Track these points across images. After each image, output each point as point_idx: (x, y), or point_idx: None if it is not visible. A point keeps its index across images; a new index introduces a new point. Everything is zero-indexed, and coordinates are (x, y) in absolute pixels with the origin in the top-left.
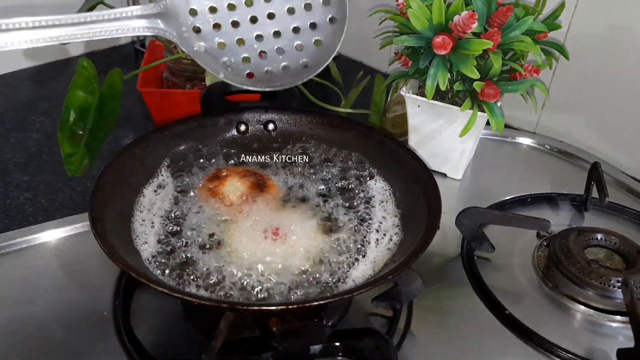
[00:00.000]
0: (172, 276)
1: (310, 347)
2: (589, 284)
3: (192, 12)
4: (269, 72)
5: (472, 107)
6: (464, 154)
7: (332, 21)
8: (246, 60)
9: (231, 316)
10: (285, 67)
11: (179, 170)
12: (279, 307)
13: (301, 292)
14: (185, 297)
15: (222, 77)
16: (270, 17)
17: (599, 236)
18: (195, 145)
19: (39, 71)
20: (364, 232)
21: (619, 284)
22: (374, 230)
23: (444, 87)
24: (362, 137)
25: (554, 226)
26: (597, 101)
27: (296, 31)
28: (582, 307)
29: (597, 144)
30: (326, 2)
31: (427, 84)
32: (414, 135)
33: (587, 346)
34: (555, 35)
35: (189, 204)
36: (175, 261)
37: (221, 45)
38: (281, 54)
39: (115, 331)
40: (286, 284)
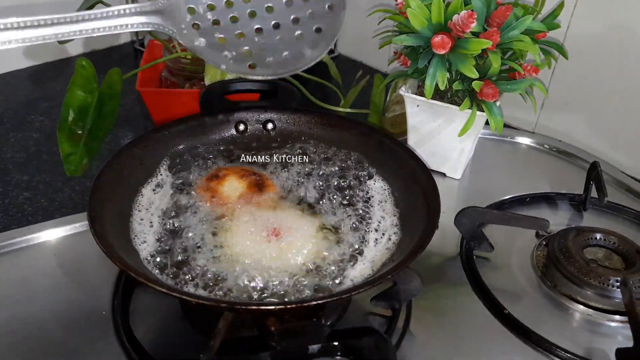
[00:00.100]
0: (170, 275)
1: (308, 347)
2: (588, 284)
3: (191, 11)
4: (271, 62)
5: (471, 107)
6: (463, 154)
7: (332, 8)
8: (247, 52)
9: (230, 316)
10: (287, 56)
11: (178, 169)
12: (278, 307)
13: (300, 292)
14: (183, 297)
15: (224, 69)
16: (268, 10)
17: (598, 236)
18: (194, 144)
19: (38, 71)
20: (362, 232)
21: (618, 284)
22: (372, 229)
23: (443, 87)
24: (361, 137)
25: (553, 226)
26: (597, 101)
27: (296, 22)
28: (581, 306)
29: (596, 143)
30: None
31: (426, 83)
32: (413, 134)
33: (586, 346)
34: (554, 34)
35: (188, 203)
36: (173, 260)
37: (221, 40)
38: (282, 44)
39: (114, 331)
40: (285, 283)
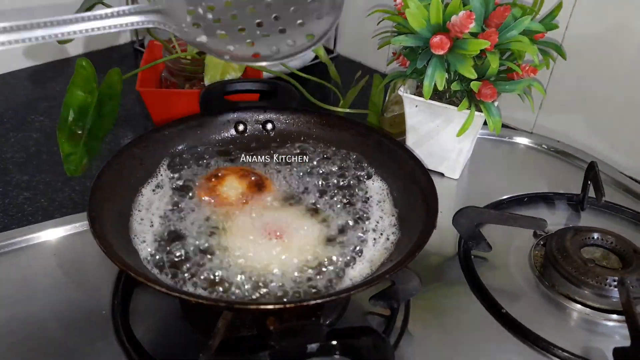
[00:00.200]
0: (170, 275)
1: (307, 346)
2: (586, 283)
3: (191, 12)
4: (275, 50)
5: (469, 107)
6: (462, 154)
7: None
8: (250, 44)
9: (229, 315)
10: (290, 43)
11: (178, 169)
12: (277, 306)
13: (298, 291)
14: (183, 296)
15: (228, 60)
16: (268, 5)
17: (596, 235)
18: (194, 144)
19: (38, 71)
20: (361, 232)
21: (615, 283)
22: (371, 229)
23: (441, 87)
24: (360, 137)
25: (551, 225)
26: (595, 101)
27: (296, 11)
28: (578, 306)
29: (594, 143)
30: None
31: (424, 83)
32: (412, 135)
33: (584, 345)
34: (552, 35)
35: (188, 203)
36: (173, 260)
37: (223, 36)
38: (284, 33)
39: (114, 330)
40: (284, 282)
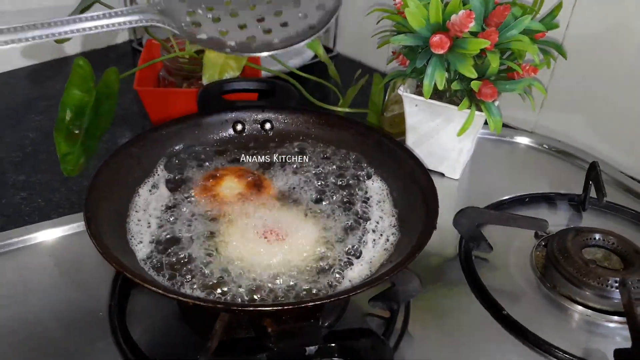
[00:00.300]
0: (167, 276)
1: (305, 348)
2: (587, 284)
3: (190, 13)
4: (276, 42)
5: (469, 107)
6: (462, 154)
7: None
8: (251, 38)
9: (226, 317)
10: (292, 33)
11: (176, 169)
12: (274, 308)
13: (297, 293)
14: (180, 298)
15: (229, 53)
16: (268, 1)
17: (597, 236)
18: (191, 144)
19: (35, 70)
20: (361, 232)
21: (617, 284)
22: (370, 230)
23: (441, 87)
24: (360, 137)
25: (552, 226)
26: (596, 100)
27: (297, 4)
28: (579, 307)
29: (596, 143)
30: None
31: (424, 83)
32: (412, 134)
33: (585, 346)
34: (553, 34)
35: (185, 203)
36: (170, 261)
37: (223, 33)
38: (286, 27)
39: (111, 332)
40: (282, 284)
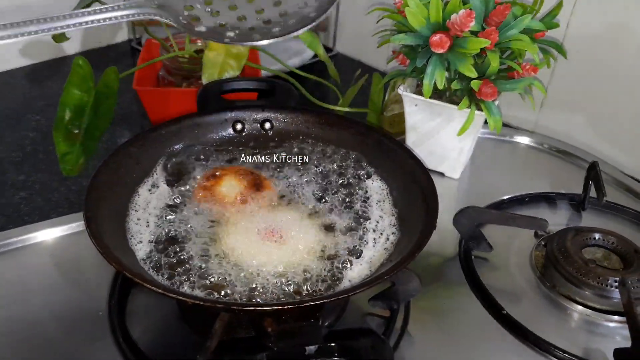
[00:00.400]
0: (166, 276)
1: (305, 348)
2: (587, 284)
3: (188, 8)
4: (277, 31)
5: (469, 106)
6: (462, 153)
7: None
8: (251, 29)
9: (226, 316)
10: (293, 22)
11: (175, 169)
12: (274, 308)
13: (296, 292)
14: (179, 297)
15: (228, 43)
16: None
17: (597, 236)
18: (191, 144)
19: (35, 69)
20: (360, 232)
21: (617, 284)
22: (370, 229)
23: (441, 86)
24: (360, 136)
25: (552, 226)
26: (596, 100)
27: None
28: (579, 307)
29: (596, 143)
30: None
31: (424, 82)
32: (412, 134)
33: (584, 346)
34: (553, 34)
35: (185, 203)
36: (170, 261)
37: (222, 25)
38: (286, 16)
39: (110, 331)
40: (282, 283)
